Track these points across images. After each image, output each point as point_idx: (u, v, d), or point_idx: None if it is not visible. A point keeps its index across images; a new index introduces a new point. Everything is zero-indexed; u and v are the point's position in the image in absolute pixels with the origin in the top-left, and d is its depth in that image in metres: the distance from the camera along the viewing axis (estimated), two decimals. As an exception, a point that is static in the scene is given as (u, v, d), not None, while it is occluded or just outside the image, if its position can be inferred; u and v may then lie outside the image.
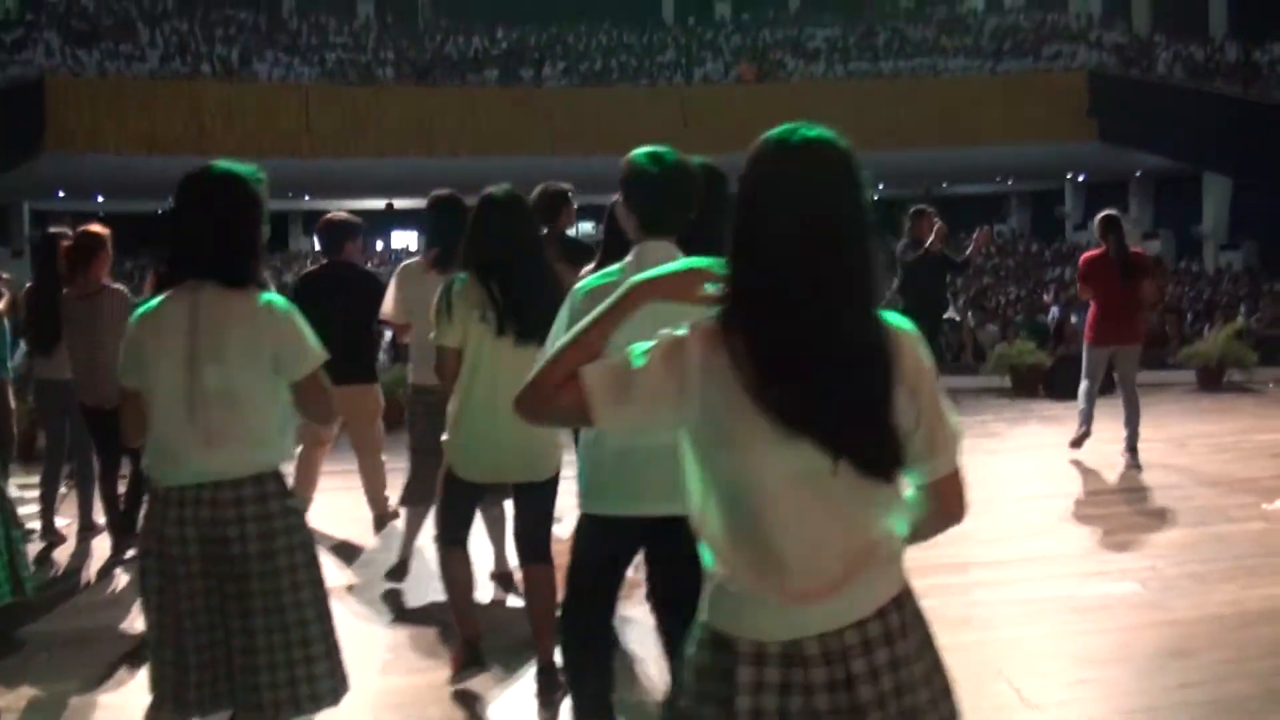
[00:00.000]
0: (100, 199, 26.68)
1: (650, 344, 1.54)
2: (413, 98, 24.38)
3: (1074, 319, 15.76)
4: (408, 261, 5.14)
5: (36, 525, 5.61)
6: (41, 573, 4.99)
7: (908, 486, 1.61)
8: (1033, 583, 4.65)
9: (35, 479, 5.89)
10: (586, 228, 36.16)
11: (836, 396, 1.47)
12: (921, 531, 1.65)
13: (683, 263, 1.63)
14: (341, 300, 4.88)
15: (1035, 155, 24.95)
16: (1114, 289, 6.90)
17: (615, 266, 2.74)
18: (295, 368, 2.46)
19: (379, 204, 30.56)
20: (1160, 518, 5.72)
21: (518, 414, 1.58)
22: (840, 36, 27.28)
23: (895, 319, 1.57)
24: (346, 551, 5.42)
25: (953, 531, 1.72)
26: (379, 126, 23.68)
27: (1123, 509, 5.94)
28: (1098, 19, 27.34)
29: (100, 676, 3.85)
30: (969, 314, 14.59)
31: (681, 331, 1.54)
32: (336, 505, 5.76)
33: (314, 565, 2.47)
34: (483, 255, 3.51)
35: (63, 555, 5.52)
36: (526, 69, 25.46)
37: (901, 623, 1.56)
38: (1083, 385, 7.19)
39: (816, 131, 1.62)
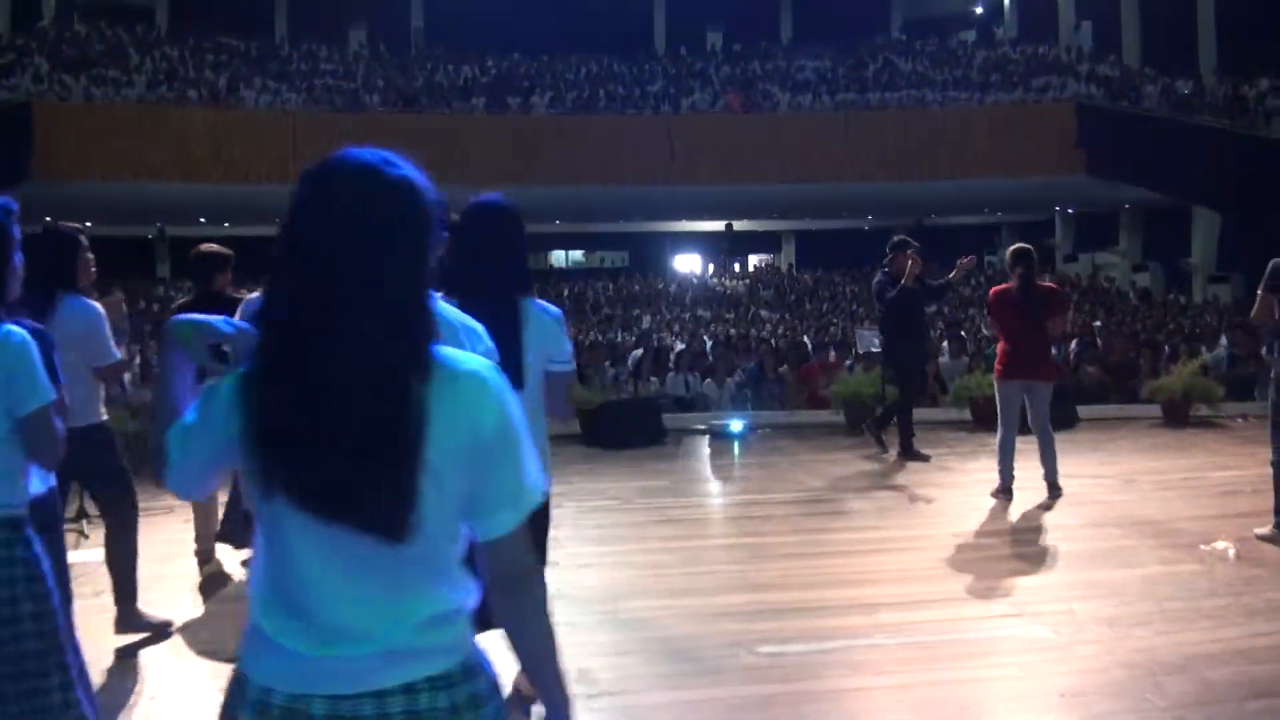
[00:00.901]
0: (89, 224, 26.65)
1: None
2: (399, 125, 24.37)
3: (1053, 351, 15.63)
4: None
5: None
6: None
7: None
8: (938, 625, 4.47)
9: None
10: (577, 256, 36.48)
11: (319, 461, 1.35)
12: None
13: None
14: None
15: (1023, 187, 24.92)
16: (1020, 324, 6.77)
17: None
18: (19, 404, 2.33)
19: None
20: (1089, 558, 5.53)
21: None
22: (830, 68, 27.33)
23: (468, 364, 1.44)
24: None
25: (873, 570, 1.57)
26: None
27: (1052, 548, 5.74)
28: (1088, 52, 27.35)
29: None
30: (944, 344, 14.41)
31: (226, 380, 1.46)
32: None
33: (44, 617, 2.33)
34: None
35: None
36: (514, 97, 25.47)
37: (436, 706, 1.39)
38: (999, 433, 6.96)
39: (360, 158, 1.46)
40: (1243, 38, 23.96)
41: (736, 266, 33.35)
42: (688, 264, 34.77)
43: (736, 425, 9.80)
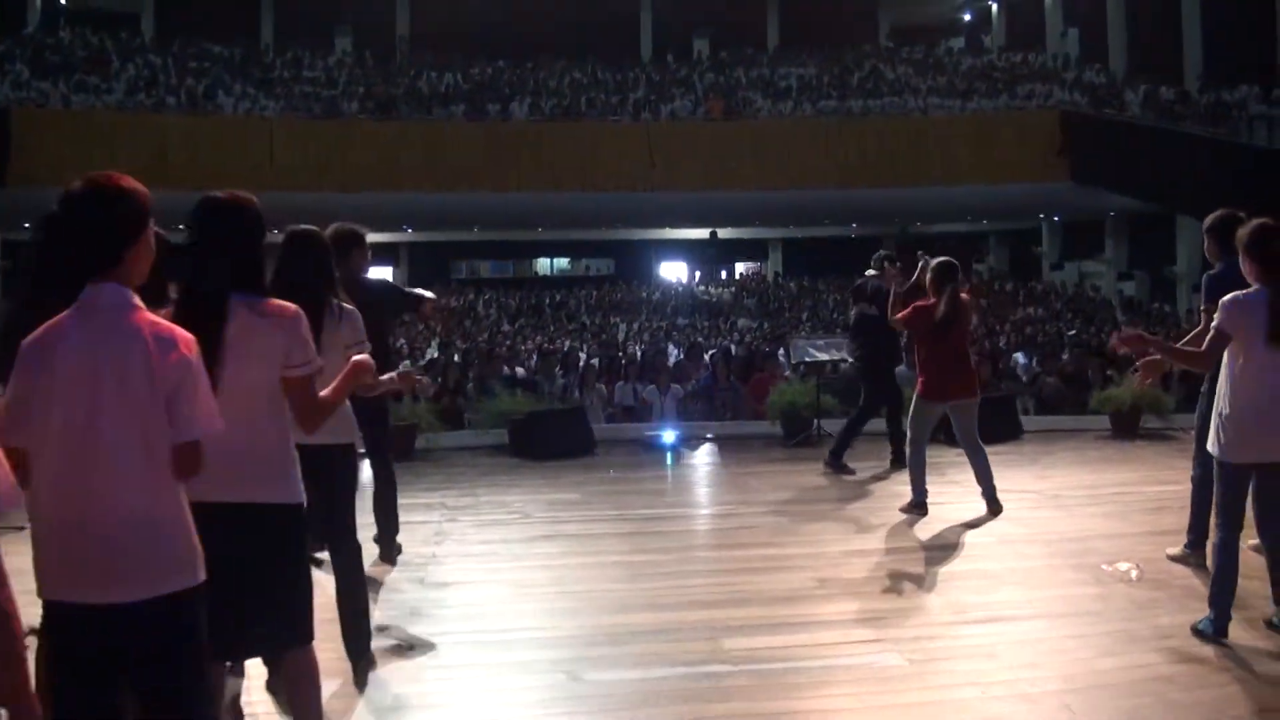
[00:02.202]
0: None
1: None
2: (376, 132, 24.24)
3: (1021, 359, 15.31)
4: None
5: None
6: None
7: None
8: (785, 651, 4.22)
9: None
10: (562, 263, 36.31)
11: None
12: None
13: None
14: None
15: (1008, 195, 24.66)
16: (944, 342, 6.50)
17: None
18: None
19: (350, 238, 30.44)
20: (982, 579, 5.28)
21: None
22: (815, 75, 27.12)
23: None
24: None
25: (742, 591, 1.36)
26: (344, 161, 23.54)
27: (946, 569, 5.48)
28: (1075, 60, 27.10)
29: None
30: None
31: None
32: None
33: None
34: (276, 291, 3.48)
35: None
36: (493, 104, 25.30)
37: None
38: (910, 449, 6.72)
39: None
40: (1228, 45, 23.69)
41: (723, 274, 33.11)
42: (674, 272, 34.54)
43: (669, 436, 9.55)
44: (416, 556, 5.75)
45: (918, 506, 6.70)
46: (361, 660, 4.01)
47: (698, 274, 32.81)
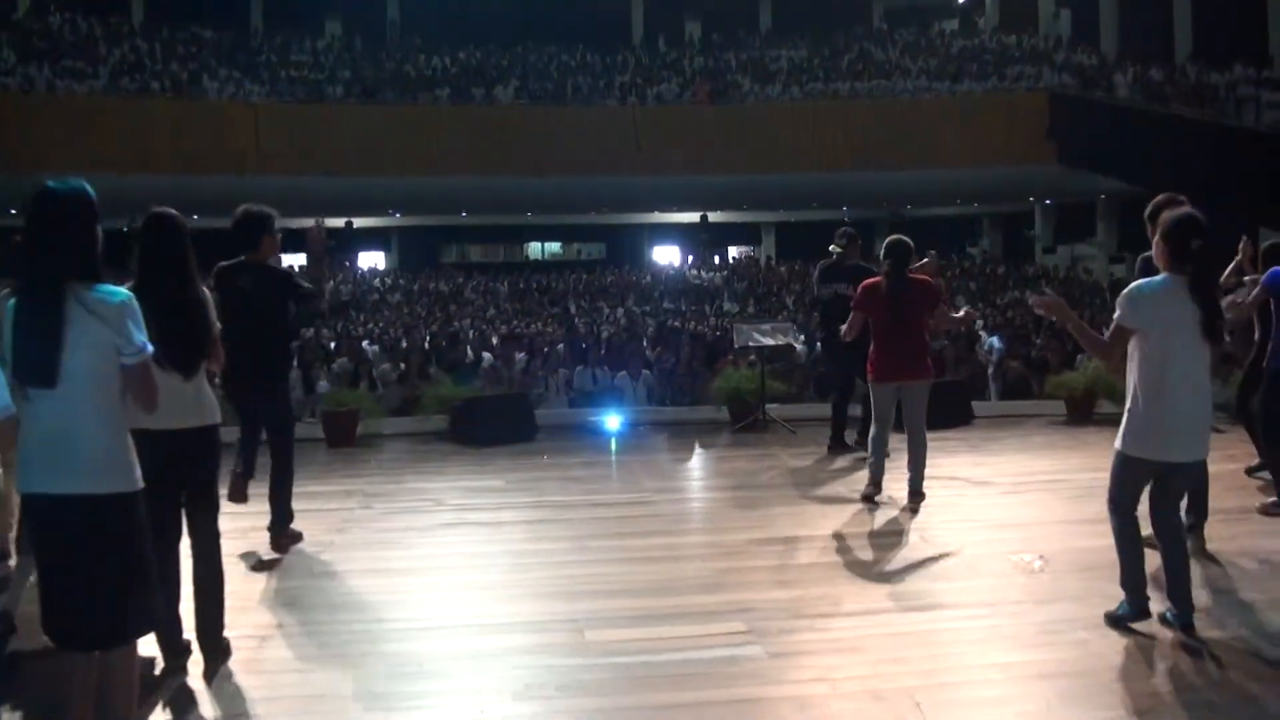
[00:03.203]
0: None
1: None
2: (361, 116, 24.11)
3: (996, 343, 15.05)
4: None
5: None
6: None
7: None
8: (650, 644, 4.12)
9: None
10: (554, 247, 36.15)
11: None
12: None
13: None
14: None
15: (997, 177, 24.39)
16: (892, 322, 6.36)
17: None
18: None
19: (338, 222, 30.38)
20: (883, 571, 5.14)
21: None
22: (806, 58, 26.85)
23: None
24: None
25: (623, 582, 1.29)
26: (328, 145, 23.43)
27: (849, 559, 5.36)
28: (1066, 41, 26.78)
29: None
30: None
31: None
32: None
33: None
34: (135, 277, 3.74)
35: None
36: (478, 88, 25.14)
37: None
38: (873, 429, 6.59)
39: None
40: (1218, 25, 23.34)
41: (716, 259, 32.89)
42: (667, 256, 34.34)
43: (613, 422, 9.44)
44: (313, 545, 5.67)
45: (874, 485, 6.56)
46: (213, 650, 3.92)
47: (690, 258, 32.61)
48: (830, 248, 8.44)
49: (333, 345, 14.28)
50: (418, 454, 8.69)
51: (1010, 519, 6.17)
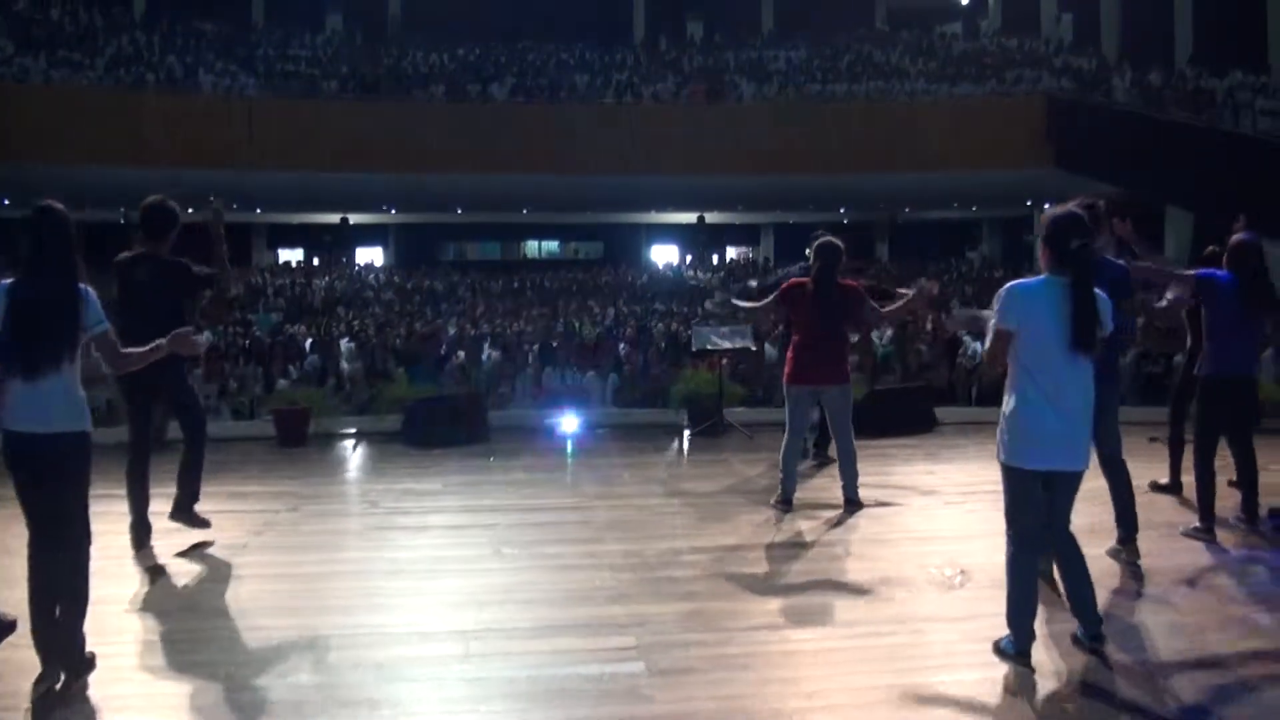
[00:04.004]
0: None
1: None
2: (356, 112, 24.03)
3: (980, 348, 14.87)
4: None
5: None
6: None
7: None
8: (535, 658, 4.00)
9: None
10: (551, 246, 36.03)
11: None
12: None
13: None
14: None
15: (994, 181, 24.18)
16: (816, 323, 6.23)
17: None
18: None
19: (334, 218, 30.38)
20: (784, 583, 5.01)
21: None
22: (805, 59, 26.67)
23: None
24: None
25: (529, 590, 1.15)
26: (323, 140, 23.35)
27: (757, 570, 5.21)
28: (1068, 44, 26.55)
29: None
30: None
31: None
32: None
33: None
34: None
35: None
36: (473, 85, 25.04)
37: None
38: (785, 439, 6.43)
39: None
40: (1218, 29, 23.10)
41: (714, 259, 32.76)
42: (665, 256, 34.21)
43: (568, 424, 9.32)
44: (225, 548, 5.58)
45: (784, 502, 6.44)
46: (71, 666, 3.69)
47: (688, 258, 32.48)
48: (806, 252, 8.20)
49: (308, 344, 14.20)
50: (362, 455, 8.59)
51: (944, 531, 6.04)
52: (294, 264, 31.78)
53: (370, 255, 32.79)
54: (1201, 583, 4.99)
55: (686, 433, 9.26)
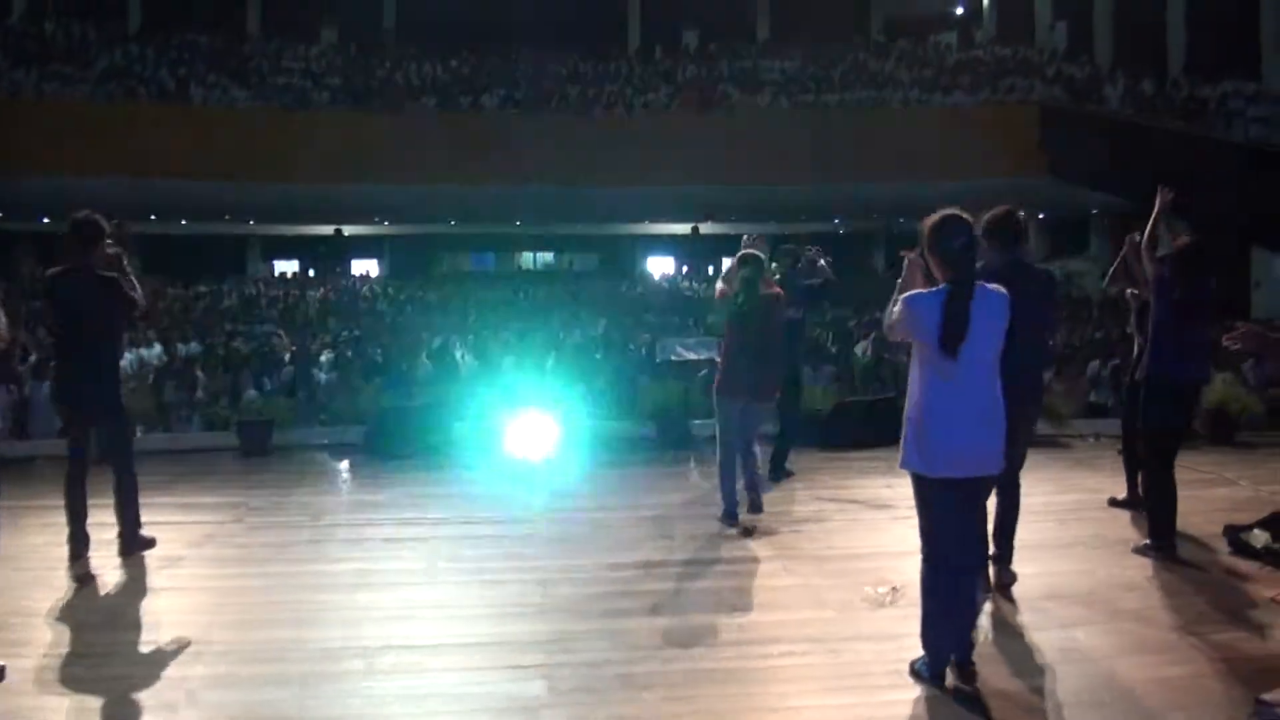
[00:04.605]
0: (46, 220, 26.61)
1: None
2: (347, 123, 24.05)
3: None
4: None
5: None
6: None
7: None
8: (434, 676, 3.93)
9: None
10: (547, 258, 35.99)
11: None
12: None
13: None
14: None
15: (988, 190, 24.00)
16: (747, 336, 6.16)
17: None
18: None
19: (327, 230, 30.42)
20: (708, 601, 4.92)
21: None
22: (799, 69, 26.63)
23: None
24: None
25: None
26: (314, 152, 23.37)
27: (667, 586, 5.09)
28: (1061, 53, 26.47)
29: None
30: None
31: None
32: None
33: None
34: None
35: None
36: (465, 96, 25.05)
37: None
38: (720, 454, 6.33)
39: None
40: (1211, 38, 23.00)
41: (710, 269, 32.71)
42: (661, 267, 34.16)
43: (534, 436, 9.22)
44: (160, 559, 5.52)
45: (729, 517, 6.35)
46: None
47: (684, 269, 32.44)
48: (773, 265, 8.08)
49: (286, 356, 14.17)
50: (322, 466, 8.55)
51: (888, 546, 5.92)
52: (289, 275, 31.84)
53: (366, 267, 32.83)
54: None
55: (652, 445, 9.20)
